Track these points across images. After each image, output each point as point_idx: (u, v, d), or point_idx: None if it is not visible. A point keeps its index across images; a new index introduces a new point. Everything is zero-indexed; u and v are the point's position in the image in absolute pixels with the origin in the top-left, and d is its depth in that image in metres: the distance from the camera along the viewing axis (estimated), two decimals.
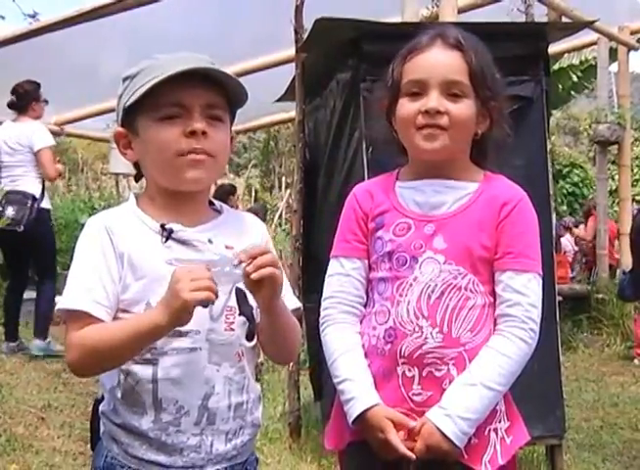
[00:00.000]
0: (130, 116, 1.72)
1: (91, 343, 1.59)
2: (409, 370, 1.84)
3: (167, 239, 1.68)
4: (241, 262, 1.56)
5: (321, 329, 1.99)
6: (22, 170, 6.72)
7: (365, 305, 1.97)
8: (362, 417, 1.84)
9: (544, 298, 1.94)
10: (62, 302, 1.64)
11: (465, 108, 1.86)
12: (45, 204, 6.82)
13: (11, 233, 6.60)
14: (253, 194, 19.09)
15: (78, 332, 1.61)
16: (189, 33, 8.75)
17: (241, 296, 1.70)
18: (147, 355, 1.64)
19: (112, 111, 10.85)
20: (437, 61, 1.87)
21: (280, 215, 15.55)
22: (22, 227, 6.55)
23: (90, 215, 6.84)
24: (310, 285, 4.39)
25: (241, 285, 1.69)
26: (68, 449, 4.26)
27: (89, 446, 1.85)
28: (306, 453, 4.35)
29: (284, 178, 17.63)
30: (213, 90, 1.70)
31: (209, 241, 1.70)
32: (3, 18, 8.71)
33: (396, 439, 1.80)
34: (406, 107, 1.88)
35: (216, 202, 1.85)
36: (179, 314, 1.53)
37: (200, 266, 1.55)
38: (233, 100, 1.76)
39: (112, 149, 10.87)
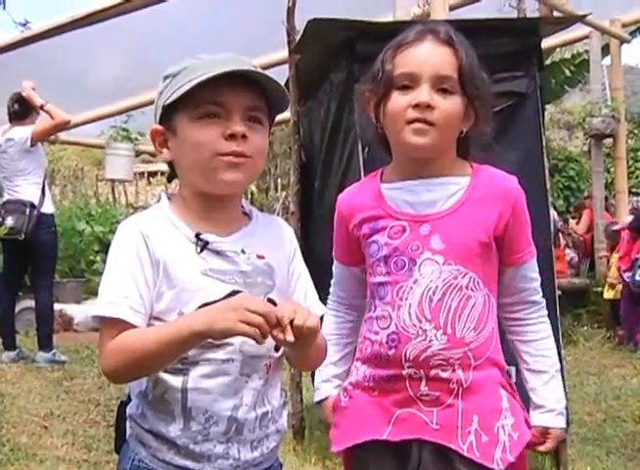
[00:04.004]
0: (169, 114, 1.70)
1: (127, 348, 1.57)
2: (415, 373, 1.84)
3: (202, 249, 1.66)
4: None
5: None
6: (20, 180, 6.77)
7: (367, 310, 1.98)
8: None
9: (544, 292, 2.02)
10: (98, 308, 1.62)
11: (454, 104, 1.85)
12: (46, 209, 6.85)
13: (12, 242, 6.63)
14: (249, 196, 19.06)
15: (114, 339, 1.59)
16: (182, 37, 8.76)
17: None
18: (178, 365, 1.62)
19: (106, 117, 10.86)
20: (429, 55, 1.86)
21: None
22: (22, 235, 6.60)
23: (87, 222, 6.82)
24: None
25: (272, 295, 1.71)
26: (72, 457, 4.24)
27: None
28: (310, 455, 4.34)
29: (279, 180, 17.61)
30: (255, 93, 1.68)
31: (242, 251, 1.69)
32: None
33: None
34: (396, 100, 1.86)
35: (245, 204, 1.82)
36: (218, 336, 1.53)
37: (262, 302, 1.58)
38: (273, 104, 1.74)
39: (106, 155, 10.87)
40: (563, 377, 4.01)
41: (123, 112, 10.42)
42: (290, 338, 1.50)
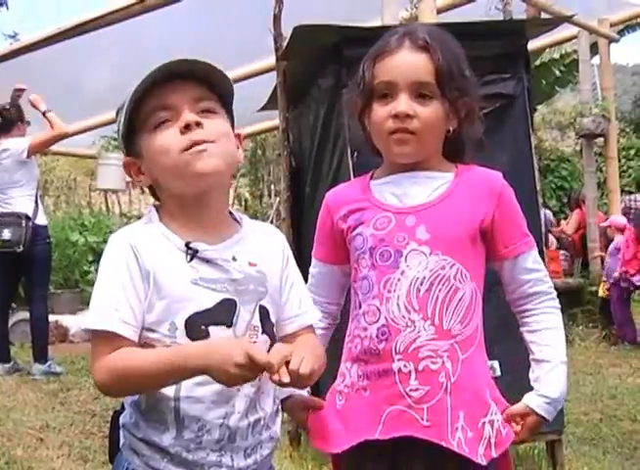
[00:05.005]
0: (130, 141, 1.73)
1: (122, 368, 1.58)
2: (405, 366, 1.84)
3: (192, 258, 1.67)
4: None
5: None
6: (14, 191, 6.75)
7: (353, 308, 1.98)
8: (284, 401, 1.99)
9: None
10: (88, 321, 1.63)
11: (434, 110, 1.87)
12: (40, 220, 6.84)
13: (9, 255, 6.61)
14: (243, 202, 19.07)
15: (108, 355, 1.60)
16: (171, 45, 8.73)
17: (264, 313, 1.71)
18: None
19: (97, 127, 10.85)
20: (405, 62, 1.88)
21: (271, 223, 15.54)
22: (20, 247, 6.58)
23: (81, 233, 6.82)
24: None
25: (264, 302, 1.72)
26: (68, 469, 4.23)
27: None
28: (307, 461, 4.33)
29: (273, 186, 17.63)
30: (199, 86, 1.70)
31: (234, 258, 1.70)
32: None
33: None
34: (377, 112, 1.90)
35: (234, 211, 1.83)
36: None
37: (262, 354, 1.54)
38: (221, 92, 1.76)
39: (98, 165, 10.87)
40: None
41: (115, 122, 10.41)
42: (285, 379, 1.53)
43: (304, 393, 2.03)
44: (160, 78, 1.65)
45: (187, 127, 1.65)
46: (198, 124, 1.66)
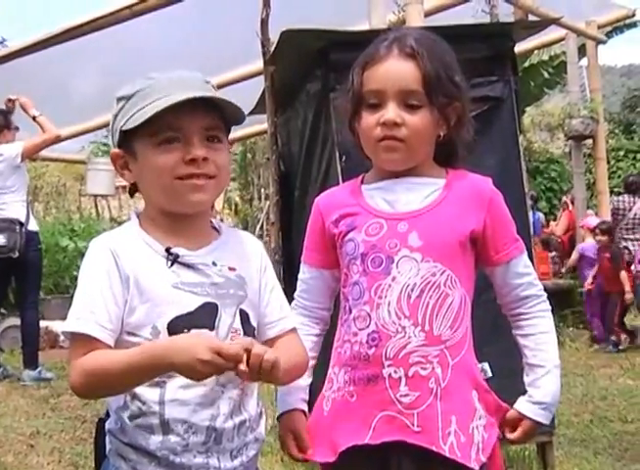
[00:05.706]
0: (127, 138, 1.72)
1: (93, 369, 1.60)
2: (395, 372, 1.84)
3: (173, 263, 1.68)
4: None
5: None
6: (6, 197, 6.74)
7: (342, 312, 1.98)
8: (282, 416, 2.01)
9: None
10: (66, 324, 1.65)
11: (422, 118, 1.87)
12: (32, 226, 6.84)
13: (3, 261, 6.59)
14: (233, 207, 19.06)
15: (82, 357, 1.61)
16: (160, 50, 8.72)
17: (244, 317, 1.73)
18: (155, 378, 1.64)
19: (86, 132, 10.83)
20: (393, 71, 1.88)
21: (261, 227, 15.54)
22: (16, 253, 6.57)
23: (71, 238, 6.80)
24: (292, 296, 4.37)
25: (244, 306, 1.74)
26: None
27: (93, 464, 1.84)
28: (298, 466, 4.32)
29: (263, 190, 17.61)
30: (212, 113, 1.70)
31: (214, 263, 1.72)
32: None
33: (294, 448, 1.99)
34: (366, 120, 1.91)
35: (214, 220, 1.85)
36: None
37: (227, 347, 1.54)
38: (231, 120, 1.76)
39: (87, 170, 10.84)
40: None
41: (103, 127, 10.40)
42: (242, 367, 1.52)
43: (303, 416, 2.02)
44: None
45: (192, 160, 1.66)
46: (204, 159, 1.67)
